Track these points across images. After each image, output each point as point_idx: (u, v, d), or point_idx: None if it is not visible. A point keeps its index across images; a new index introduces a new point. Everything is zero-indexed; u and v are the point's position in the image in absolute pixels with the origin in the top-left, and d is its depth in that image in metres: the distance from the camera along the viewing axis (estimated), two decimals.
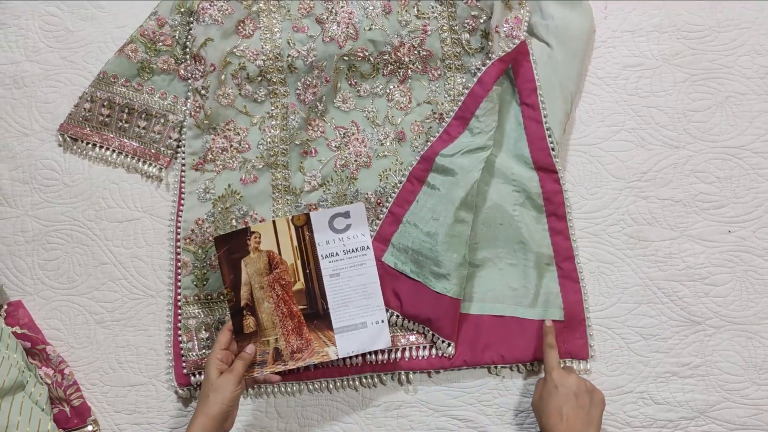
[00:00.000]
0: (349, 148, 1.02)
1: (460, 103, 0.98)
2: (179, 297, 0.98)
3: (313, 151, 1.02)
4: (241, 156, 1.02)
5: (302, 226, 0.90)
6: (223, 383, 0.80)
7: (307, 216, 0.90)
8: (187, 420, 0.96)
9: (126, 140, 1.04)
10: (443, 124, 0.99)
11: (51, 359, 0.97)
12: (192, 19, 1.03)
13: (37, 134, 1.06)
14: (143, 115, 1.04)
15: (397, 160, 1.01)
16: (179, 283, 0.98)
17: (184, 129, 1.02)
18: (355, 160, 1.01)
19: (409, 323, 0.95)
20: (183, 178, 1.01)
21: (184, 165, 1.01)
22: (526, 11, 0.99)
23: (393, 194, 0.99)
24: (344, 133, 1.03)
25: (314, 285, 0.90)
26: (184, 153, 1.02)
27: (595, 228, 0.99)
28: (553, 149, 0.97)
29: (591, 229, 0.99)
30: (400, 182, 0.99)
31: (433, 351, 0.95)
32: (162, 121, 1.04)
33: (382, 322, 0.90)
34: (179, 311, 0.98)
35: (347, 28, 1.02)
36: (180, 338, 0.97)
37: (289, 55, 1.02)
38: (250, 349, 0.85)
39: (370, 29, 1.02)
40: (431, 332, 0.94)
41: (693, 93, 1.02)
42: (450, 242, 0.92)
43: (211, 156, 1.01)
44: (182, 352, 0.97)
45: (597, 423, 0.81)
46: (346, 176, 1.01)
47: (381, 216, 0.98)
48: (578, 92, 1.02)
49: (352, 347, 0.89)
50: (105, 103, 1.04)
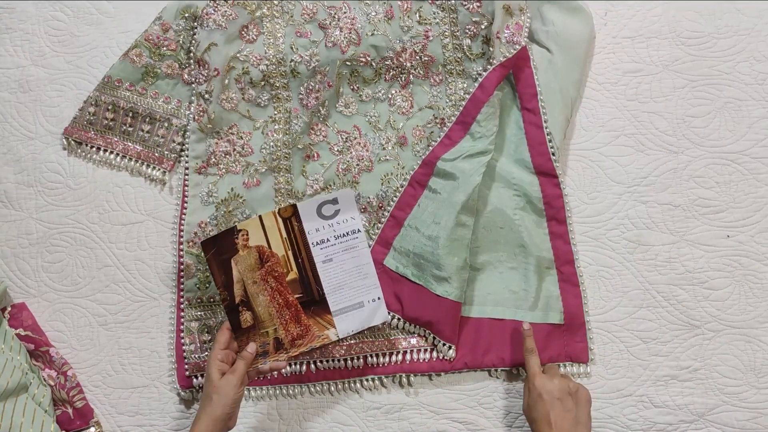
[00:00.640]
0: (351, 153, 1.03)
1: (461, 108, 0.99)
2: (182, 299, 0.98)
3: (316, 155, 1.03)
4: (244, 160, 1.02)
5: (290, 218, 0.90)
6: (225, 384, 0.80)
7: (294, 207, 0.90)
8: (190, 422, 0.97)
9: (130, 144, 1.05)
10: (444, 128, 1.00)
11: (54, 361, 0.97)
12: (196, 24, 1.04)
13: (41, 138, 1.06)
14: (147, 119, 1.05)
15: (398, 164, 1.02)
16: (182, 286, 0.99)
17: (188, 133, 1.03)
18: (357, 164, 1.02)
19: (410, 326, 0.96)
20: (186, 182, 1.02)
21: (187, 168, 1.02)
22: (527, 17, 1.00)
23: (395, 198, 0.99)
24: (346, 138, 1.03)
25: (308, 272, 0.90)
26: (187, 156, 1.02)
27: (595, 232, 1.00)
28: (553, 154, 0.97)
29: (591, 233, 1.00)
30: (402, 186, 0.99)
31: (434, 354, 0.95)
32: (166, 124, 1.05)
33: (379, 299, 0.91)
34: (182, 314, 0.98)
35: (350, 33, 1.03)
36: (182, 340, 0.98)
37: (292, 60, 1.03)
38: (251, 348, 0.85)
39: (372, 35, 1.03)
40: (432, 335, 0.95)
41: (692, 99, 1.03)
42: (451, 246, 0.93)
43: (214, 159, 1.02)
44: (185, 354, 0.97)
45: (585, 421, 0.82)
46: (348, 180, 1.02)
47: (383, 220, 0.99)
48: (578, 97, 1.02)
49: (352, 327, 0.90)
50: (109, 107, 1.05)
